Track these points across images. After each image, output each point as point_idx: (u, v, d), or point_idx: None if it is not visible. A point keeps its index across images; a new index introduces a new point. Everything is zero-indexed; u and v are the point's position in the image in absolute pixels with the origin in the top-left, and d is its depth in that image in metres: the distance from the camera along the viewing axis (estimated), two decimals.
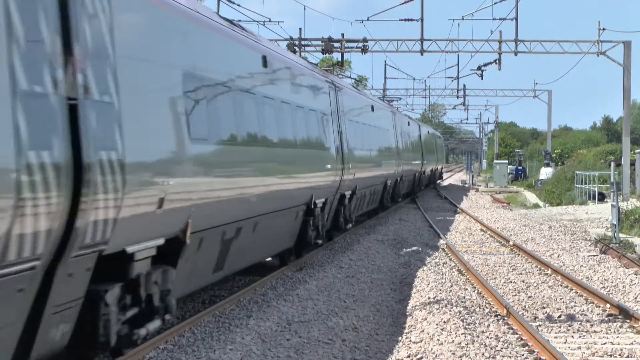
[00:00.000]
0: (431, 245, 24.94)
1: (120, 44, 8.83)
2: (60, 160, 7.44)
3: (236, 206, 12.79)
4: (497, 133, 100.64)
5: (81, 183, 7.78)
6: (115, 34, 8.71)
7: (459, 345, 11.35)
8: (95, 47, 8.27)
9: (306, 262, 19.82)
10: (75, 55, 7.83)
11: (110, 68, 8.56)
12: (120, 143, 8.63)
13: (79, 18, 7.94)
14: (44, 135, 7.24)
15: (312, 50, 40.93)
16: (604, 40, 42.39)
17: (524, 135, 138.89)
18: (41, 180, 7.15)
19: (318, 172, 19.39)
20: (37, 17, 7.26)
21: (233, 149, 12.62)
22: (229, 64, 13.02)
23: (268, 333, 12.17)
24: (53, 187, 7.35)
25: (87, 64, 8.05)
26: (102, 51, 8.43)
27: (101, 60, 8.38)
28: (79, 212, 7.81)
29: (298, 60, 20.34)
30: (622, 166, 42.29)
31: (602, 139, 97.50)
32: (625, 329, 13.33)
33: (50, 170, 7.27)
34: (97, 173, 8.07)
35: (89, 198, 7.94)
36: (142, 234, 9.54)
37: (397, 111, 43.50)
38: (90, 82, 8.10)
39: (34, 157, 7.03)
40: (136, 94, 9.23)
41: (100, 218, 8.24)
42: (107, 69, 8.51)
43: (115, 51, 8.70)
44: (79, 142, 7.78)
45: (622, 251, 22.35)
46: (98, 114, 8.18)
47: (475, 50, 42.56)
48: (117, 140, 8.58)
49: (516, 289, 16.99)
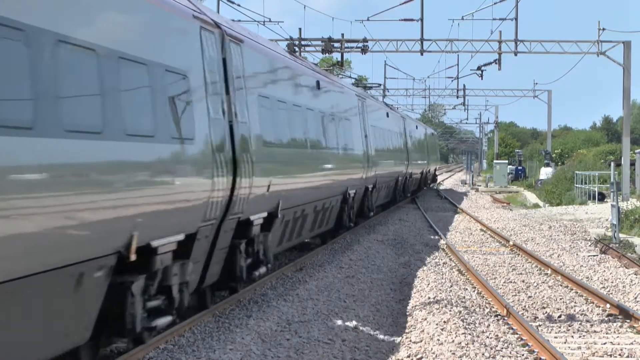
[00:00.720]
0: (431, 245, 24.95)
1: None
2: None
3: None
4: (497, 133, 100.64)
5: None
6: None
7: (459, 345, 11.34)
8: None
9: (306, 262, 19.85)
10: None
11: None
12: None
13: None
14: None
15: (312, 50, 40.93)
16: (604, 40, 42.39)
17: (524, 135, 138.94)
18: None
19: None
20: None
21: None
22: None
23: (268, 333, 12.17)
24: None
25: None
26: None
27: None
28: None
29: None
30: (622, 166, 42.28)
31: (602, 139, 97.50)
32: (625, 329, 13.33)
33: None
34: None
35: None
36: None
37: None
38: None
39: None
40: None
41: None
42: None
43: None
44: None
45: (622, 251, 22.35)
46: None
47: (475, 50, 42.57)
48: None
49: (516, 289, 16.99)
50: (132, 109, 9.09)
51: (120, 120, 8.77)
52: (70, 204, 7.83)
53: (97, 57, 8.40)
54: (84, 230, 8.14)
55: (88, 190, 8.13)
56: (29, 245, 7.27)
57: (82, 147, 8.00)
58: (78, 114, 7.97)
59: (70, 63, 7.91)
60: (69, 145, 7.76)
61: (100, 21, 8.77)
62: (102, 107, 8.41)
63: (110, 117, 8.56)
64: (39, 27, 7.38)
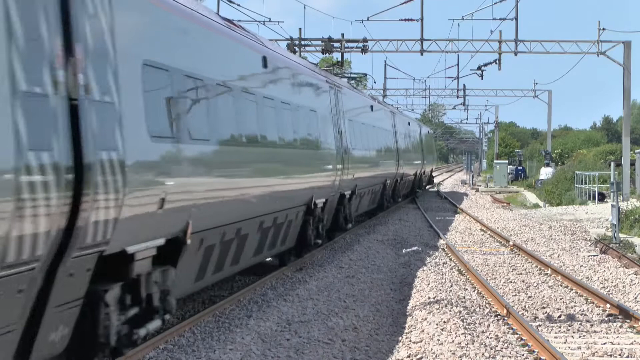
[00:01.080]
0: (431, 245, 24.94)
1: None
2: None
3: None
4: (497, 133, 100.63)
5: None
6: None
7: (459, 345, 11.35)
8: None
9: (306, 262, 19.82)
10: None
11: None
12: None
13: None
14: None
15: (312, 50, 40.95)
16: (604, 40, 42.40)
17: (524, 135, 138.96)
18: None
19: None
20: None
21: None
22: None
23: (268, 333, 12.17)
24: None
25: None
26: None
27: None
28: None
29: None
30: (622, 166, 42.28)
31: (602, 139, 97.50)
32: (625, 329, 13.32)
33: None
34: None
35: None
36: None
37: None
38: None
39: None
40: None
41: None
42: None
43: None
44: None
45: (622, 251, 22.34)
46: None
47: (475, 50, 42.58)
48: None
49: (516, 289, 16.99)
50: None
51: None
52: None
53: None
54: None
55: None
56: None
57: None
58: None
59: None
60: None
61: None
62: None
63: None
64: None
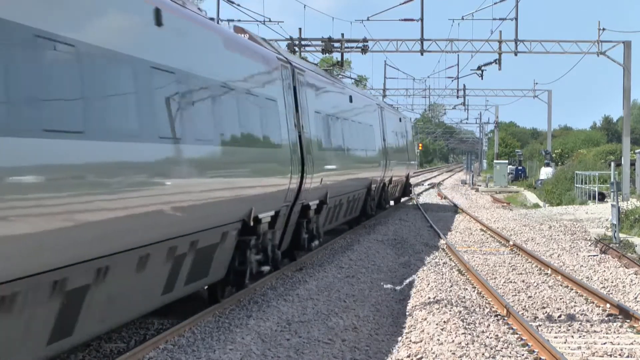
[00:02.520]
0: (431, 245, 24.94)
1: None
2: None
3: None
4: (497, 133, 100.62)
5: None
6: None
7: (459, 345, 11.35)
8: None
9: (306, 262, 19.85)
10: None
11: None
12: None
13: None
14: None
15: (312, 50, 40.96)
16: (604, 40, 42.39)
17: (524, 135, 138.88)
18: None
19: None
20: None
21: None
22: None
23: (268, 333, 12.17)
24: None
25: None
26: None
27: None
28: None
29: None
30: (622, 166, 42.28)
31: (602, 139, 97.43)
32: (625, 329, 13.32)
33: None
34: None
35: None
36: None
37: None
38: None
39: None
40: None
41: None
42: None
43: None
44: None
45: (622, 251, 22.34)
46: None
47: (475, 50, 42.56)
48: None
49: (516, 289, 16.99)
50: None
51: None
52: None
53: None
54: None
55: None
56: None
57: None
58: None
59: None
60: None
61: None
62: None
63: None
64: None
